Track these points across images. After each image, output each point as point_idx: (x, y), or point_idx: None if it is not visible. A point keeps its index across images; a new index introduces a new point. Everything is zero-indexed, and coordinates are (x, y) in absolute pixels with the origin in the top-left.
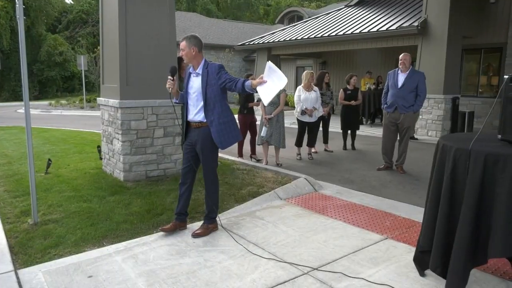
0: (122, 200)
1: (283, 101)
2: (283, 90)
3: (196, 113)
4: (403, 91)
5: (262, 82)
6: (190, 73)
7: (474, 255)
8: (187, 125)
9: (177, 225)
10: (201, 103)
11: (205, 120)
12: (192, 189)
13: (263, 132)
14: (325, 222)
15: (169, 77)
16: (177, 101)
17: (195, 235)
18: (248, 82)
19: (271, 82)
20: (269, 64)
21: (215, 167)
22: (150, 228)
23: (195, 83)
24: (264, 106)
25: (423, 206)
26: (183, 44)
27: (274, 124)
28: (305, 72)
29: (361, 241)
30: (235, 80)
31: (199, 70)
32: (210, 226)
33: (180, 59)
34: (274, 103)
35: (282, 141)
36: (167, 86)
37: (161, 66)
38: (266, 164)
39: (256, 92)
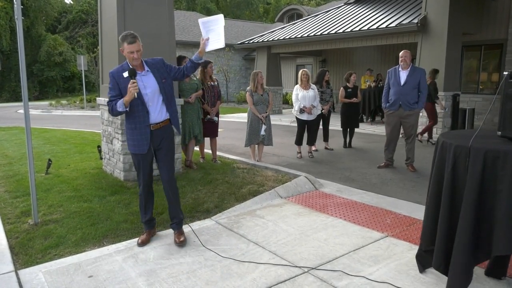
0: (123, 199)
1: (271, 99)
2: (269, 90)
3: (158, 112)
4: (406, 88)
5: (205, 43)
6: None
7: (476, 252)
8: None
9: (152, 233)
10: (161, 100)
11: (167, 117)
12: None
13: (262, 130)
14: (326, 220)
15: (133, 80)
16: (127, 109)
17: (181, 243)
18: (195, 56)
19: (212, 32)
20: (200, 21)
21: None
22: None
23: (148, 82)
24: (254, 105)
25: (423, 204)
26: (138, 44)
27: (266, 122)
28: (301, 70)
29: (361, 239)
30: (180, 67)
31: (146, 68)
32: (183, 231)
33: (180, 58)
34: (265, 101)
35: (271, 139)
36: (133, 90)
37: None
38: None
39: (202, 60)
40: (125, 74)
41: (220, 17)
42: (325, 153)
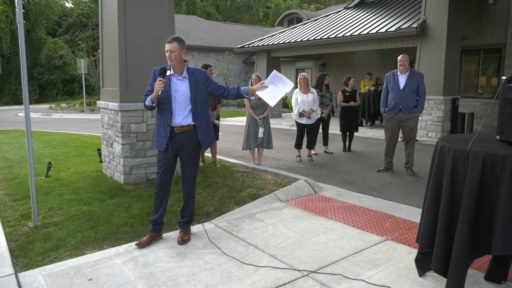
0: (122, 203)
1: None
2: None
3: (184, 117)
4: (405, 92)
5: (262, 88)
6: (170, 76)
7: (474, 254)
8: (170, 130)
9: (154, 237)
10: (189, 108)
11: (192, 123)
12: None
13: (260, 132)
14: (325, 224)
15: (160, 78)
16: (153, 105)
17: (183, 242)
18: (245, 88)
19: (274, 87)
20: (275, 72)
21: (197, 172)
22: None
23: (181, 87)
24: (252, 108)
25: None
26: (174, 45)
27: (266, 125)
28: (300, 75)
29: (361, 242)
30: (225, 87)
31: (185, 74)
32: (190, 230)
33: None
34: (263, 106)
35: (271, 142)
36: (158, 87)
37: None
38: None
39: (250, 97)
40: None
41: (290, 84)
42: (324, 157)
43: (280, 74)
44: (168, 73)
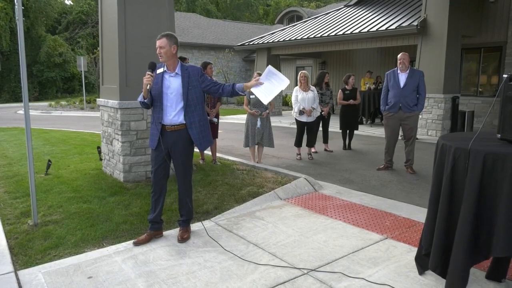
0: (122, 200)
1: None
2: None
3: (174, 115)
4: (406, 91)
5: (257, 84)
6: (163, 73)
7: (474, 254)
8: (161, 128)
9: (152, 235)
10: (181, 105)
11: (184, 122)
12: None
13: (259, 123)
14: (325, 222)
15: (149, 72)
16: (145, 101)
17: (183, 240)
18: (239, 85)
19: (269, 84)
20: (269, 67)
21: (192, 171)
22: None
23: (173, 84)
24: (253, 106)
25: (423, 206)
26: (163, 41)
27: (265, 124)
28: (300, 72)
29: (361, 241)
30: (220, 84)
31: (178, 70)
32: (189, 229)
33: (180, 59)
34: (263, 104)
35: (272, 140)
36: (146, 81)
37: None
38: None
39: (245, 94)
40: (158, 71)
41: (285, 81)
42: (324, 155)
43: (275, 70)
44: (161, 70)
